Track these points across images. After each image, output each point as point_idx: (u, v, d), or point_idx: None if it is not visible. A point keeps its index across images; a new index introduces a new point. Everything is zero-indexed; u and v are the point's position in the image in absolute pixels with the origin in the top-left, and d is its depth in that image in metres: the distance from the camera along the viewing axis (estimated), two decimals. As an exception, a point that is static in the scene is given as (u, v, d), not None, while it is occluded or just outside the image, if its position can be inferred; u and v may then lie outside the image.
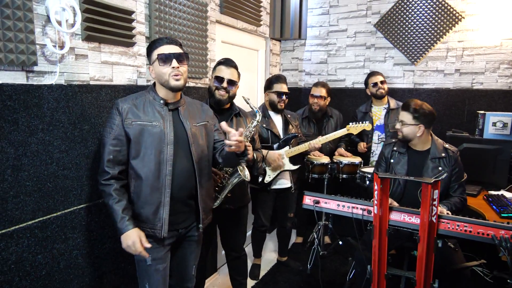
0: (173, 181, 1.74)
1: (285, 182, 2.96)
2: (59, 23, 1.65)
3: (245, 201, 2.42)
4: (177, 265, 1.97)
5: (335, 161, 3.21)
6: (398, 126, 2.32)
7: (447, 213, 1.95)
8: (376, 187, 1.86)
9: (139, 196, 1.73)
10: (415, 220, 1.88)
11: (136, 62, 2.14)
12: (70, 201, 1.82)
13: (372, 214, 1.94)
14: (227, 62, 2.29)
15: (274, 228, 4.10)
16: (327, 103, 3.34)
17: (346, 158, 3.23)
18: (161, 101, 1.77)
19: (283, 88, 2.86)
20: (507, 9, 3.11)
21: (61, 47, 1.71)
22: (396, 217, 1.92)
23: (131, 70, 2.12)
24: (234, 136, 1.65)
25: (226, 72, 2.25)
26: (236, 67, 2.30)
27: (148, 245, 1.65)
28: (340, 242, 3.41)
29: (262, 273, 3.21)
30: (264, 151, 2.67)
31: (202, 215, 1.88)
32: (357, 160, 3.18)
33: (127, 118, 1.70)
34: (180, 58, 1.73)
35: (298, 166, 2.89)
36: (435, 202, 1.75)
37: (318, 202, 2.10)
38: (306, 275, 3.16)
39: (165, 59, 1.70)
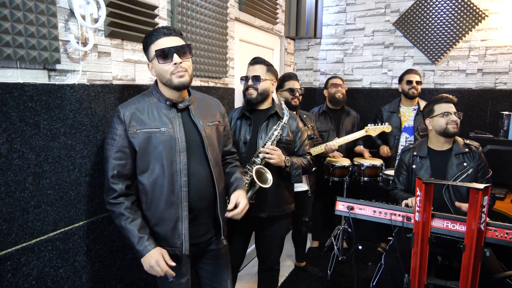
0: (190, 192, 1.55)
1: (301, 185, 2.85)
2: (83, 17, 1.53)
3: (282, 210, 2.20)
4: (213, 286, 1.79)
5: (356, 163, 3.10)
6: (457, 118, 2.17)
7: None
8: (419, 192, 1.75)
9: (153, 213, 1.55)
10: (459, 227, 1.77)
11: (158, 60, 2.02)
12: (92, 210, 1.69)
13: (413, 221, 1.84)
14: (253, 61, 2.18)
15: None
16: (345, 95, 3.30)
17: (367, 160, 3.13)
18: (167, 102, 1.54)
19: (295, 85, 2.75)
20: (532, 6, 3.03)
21: (84, 43, 1.58)
22: (438, 224, 1.81)
23: (153, 69, 2.00)
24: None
25: (250, 70, 2.15)
26: (263, 63, 2.15)
27: (173, 264, 1.49)
28: (360, 247, 3.31)
29: (281, 279, 3.09)
30: None
31: (222, 225, 1.70)
32: (378, 162, 3.07)
33: (131, 126, 1.49)
34: (181, 51, 1.48)
35: (314, 168, 2.77)
36: (485, 209, 1.65)
37: (352, 208, 1.99)
38: (326, 282, 3.05)
39: (165, 55, 1.46)
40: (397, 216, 1.90)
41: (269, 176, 1.93)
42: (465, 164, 2.15)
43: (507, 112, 3.03)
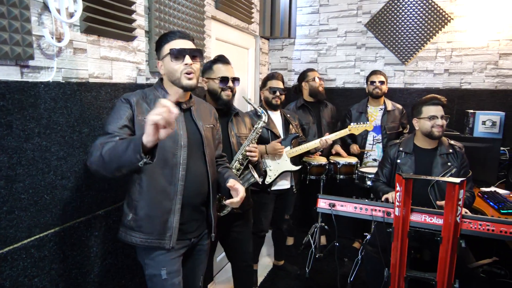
0: (186, 186, 1.58)
1: (285, 183, 2.86)
2: (58, 11, 1.45)
3: (250, 204, 2.28)
4: (185, 277, 1.79)
5: (332, 161, 3.16)
6: (443, 122, 2.23)
7: (466, 212, 1.94)
8: (398, 188, 1.81)
9: (147, 202, 1.54)
10: (436, 220, 1.84)
11: (135, 58, 1.96)
12: (69, 215, 1.61)
13: (392, 216, 1.89)
14: (223, 59, 2.14)
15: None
16: None
17: (343, 158, 3.19)
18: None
19: (278, 84, 2.78)
20: (493, 11, 3.21)
21: (59, 39, 1.50)
22: (416, 218, 1.88)
23: (131, 67, 1.93)
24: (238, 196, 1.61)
25: (225, 70, 2.10)
26: (230, 64, 2.17)
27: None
28: (337, 244, 3.37)
29: (260, 279, 3.09)
30: (262, 146, 2.58)
31: (214, 223, 1.76)
32: (354, 160, 3.14)
33: (139, 114, 1.50)
34: (193, 54, 1.57)
35: (300, 167, 2.80)
36: (460, 202, 1.72)
37: (333, 205, 2.02)
38: (305, 279, 3.08)
39: (178, 54, 1.53)
40: (378, 212, 1.95)
41: (255, 173, 1.97)
42: (449, 164, 2.24)
43: (471, 111, 3.19)
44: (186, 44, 1.58)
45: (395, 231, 1.87)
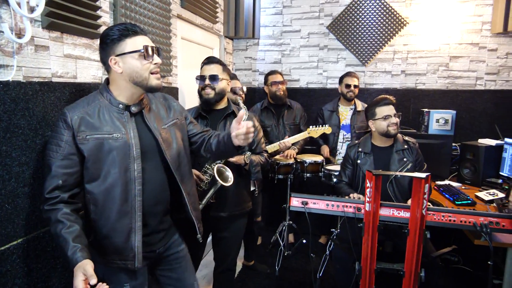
0: (145, 200, 1.46)
1: None
2: (18, 4, 1.34)
3: (241, 209, 2.20)
4: None
5: (299, 160, 3.21)
6: (397, 119, 2.35)
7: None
8: (368, 184, 1.87)
9: (104, 223, 1.42)
10: (403, 214, 1.94)
11: (101, 56, 1.86)
12: (33, 224, 1.49)
13: (363, 211, 1.96)
14: (208, 60, 2.15)
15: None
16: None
17: (309, 157, 3.26)
18: (120, 106, 1.43)
19: (237, 84, 2.80)
20: (443, 17, 3.45)
21: (19, 35, 1.39)
22: (385, 212, 1.96)
23: (97, 66, 1.84)
24: (243, 128, 1.44)
25: (206, 69, 2.11)
26: (218, 62, 2.14)
27: (94, 281, 1.20)
28: (304, 241, 3.43)
29: (230, 281, 3.07)
30: None
31: (197, 224, 1.66)
32: (319, 158, 3.22)
33: (80, 132, 1.36)
34: (159, 52, 1.44)
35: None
36: (426, 196, 1.82)
37: (306, 203, 2.06)
38: (275, 278, 3.11)
39: (148, 53, 1.38)
40: (349, 208, 2.01)
41: (229, 174, 1.93)
42: (405, 159, 2.37)
43: (426, 109, 3.40)
44: (149, 41, 1.42)
45: (365, 225, 1.94)
